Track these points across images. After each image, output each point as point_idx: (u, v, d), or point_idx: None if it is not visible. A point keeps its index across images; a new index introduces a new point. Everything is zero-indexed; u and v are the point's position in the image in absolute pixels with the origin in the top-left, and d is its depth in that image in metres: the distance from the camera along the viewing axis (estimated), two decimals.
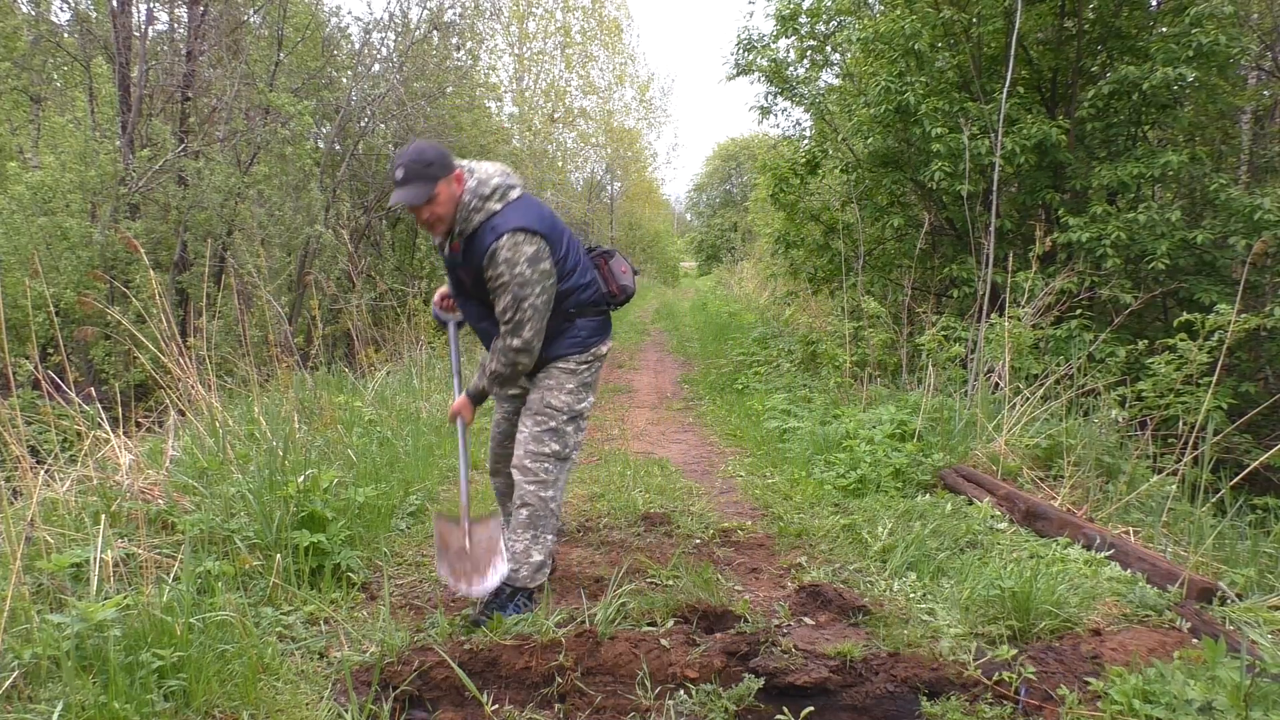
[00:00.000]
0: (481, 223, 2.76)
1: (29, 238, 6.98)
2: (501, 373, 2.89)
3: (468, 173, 2.80)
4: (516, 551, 2.96)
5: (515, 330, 2.78)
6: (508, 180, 2.83)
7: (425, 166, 2.68)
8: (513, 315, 2.75)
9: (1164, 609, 2.94)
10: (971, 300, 6.80)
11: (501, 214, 2.75)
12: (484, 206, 2.76)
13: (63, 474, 3.32)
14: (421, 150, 2.71)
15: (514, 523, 3.00)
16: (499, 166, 2.89)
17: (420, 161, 2.68)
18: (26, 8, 8.50)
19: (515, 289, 2.72)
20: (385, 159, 10.10)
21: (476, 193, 2.76)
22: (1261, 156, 9.06)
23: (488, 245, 2.72)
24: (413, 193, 2.69)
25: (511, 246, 2.71)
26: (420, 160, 2.68)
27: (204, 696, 2.23)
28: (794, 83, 10.17)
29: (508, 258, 2.70)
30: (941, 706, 2.36)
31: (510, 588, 2.95)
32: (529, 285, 2.72)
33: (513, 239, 2.71)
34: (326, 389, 5.81)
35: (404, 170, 2.69)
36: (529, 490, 2.96)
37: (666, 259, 34.34)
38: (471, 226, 2.77)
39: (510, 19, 18.74)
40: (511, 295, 2.73)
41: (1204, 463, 3.86)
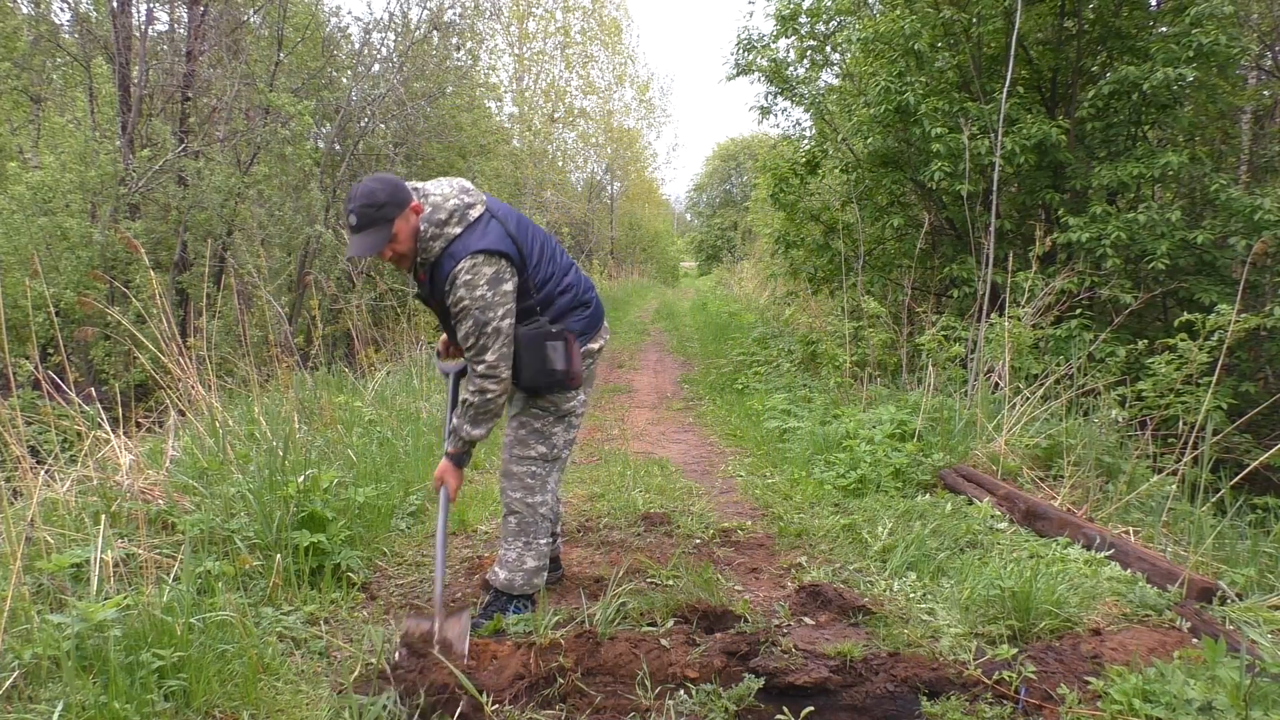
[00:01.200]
0: (442, 250, 2.66)
1: (29, 238, 6.98)
2: (471, 401, 2.72)
3: (422, 199, 2.67)
4: (509, 560, 2.93)
5: (479, 354, 2.67)
6: (465, 199, 2.71)
7: (378, 209, 2.55)
8: (475, 340, 2.66)
9: (1164, 609, 2.94)
10: (971, 300, 6.80)
11: (460, 238, 2.65)
12: (442, 233, 2.66)
13: (63, 474, 3.32)
14: (371, 192, 2.56)
15: (504, 530, 2.97)
16: (455, 185, 2.77)
17: (372, 205, 2.54)
18: (26, 8, 8.51)
19: (476, 313, 2.63)
20: (385, 159, 10.10)
21: (432, 220, 2.65)
22: (1261, 156, 9.06)
23: (447, 272, 2.64)
24: (370, 241, 2.57)
25: (471, 269, 2.62)
26: (372, 203, 2.54)
27: (204, 696, 2.23)
28: (794, 83, 10.17)
29: (467, 280, 2.62)
30: (942, 706, 2.36)
31: (508, 595, 2.95)
32: (490, 308, 2.63)
33: (471, 261, 2.62)
34: (326, 389, 5.81)
35: (356, 216, 2.55)
36: (515, 498, 2.92)
37: (666, 259, 34.35)
38: (433, 255, 2.68)
39: (510, 19, 18.74)
40: (473, 320, 2.63)
41: (1204, 462, 3.86)
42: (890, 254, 9.43)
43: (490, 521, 4.16)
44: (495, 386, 2.70)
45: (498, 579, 2.95)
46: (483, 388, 2.70)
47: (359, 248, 2.59)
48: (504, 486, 2.96)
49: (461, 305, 2.64)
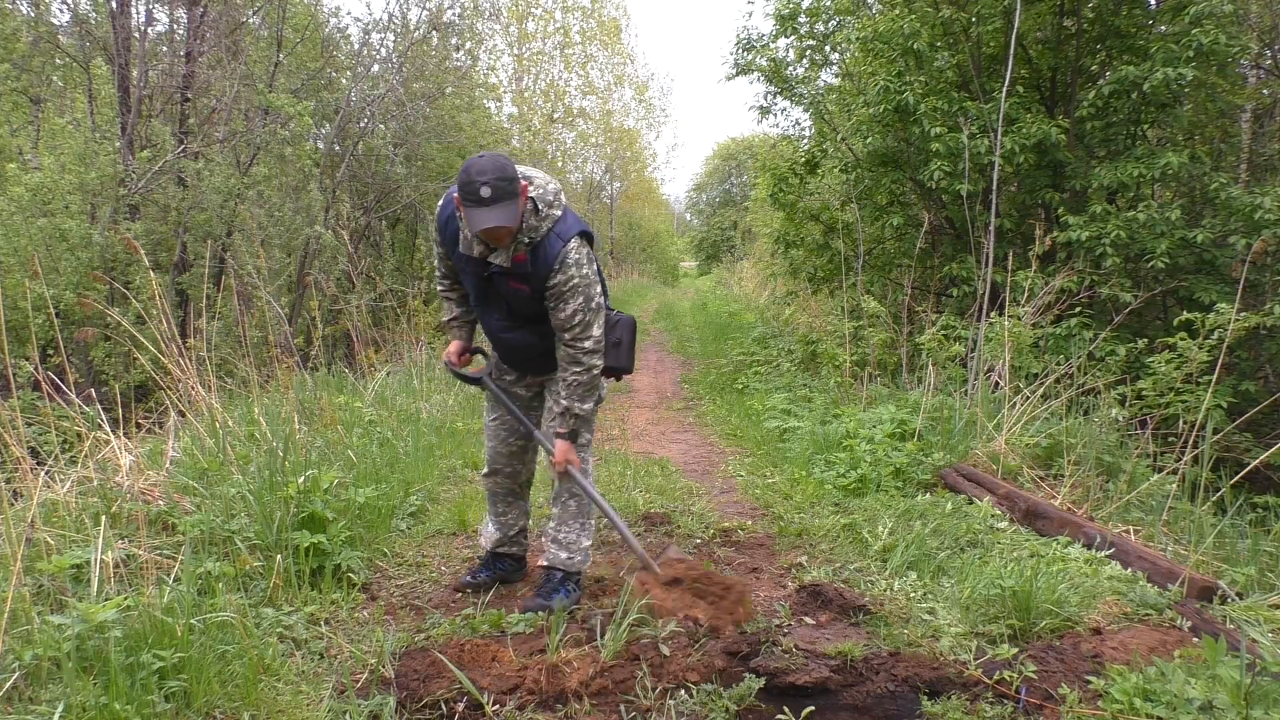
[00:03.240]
0: (549, 230, 2.74)
1: (29, 239, 6.98)
2: (580, 380, 2.84)
3: (526, 182, 2.72)
4: (569, 541, 3.07)
5: (585, 330, 2.78)
6: (556, 184, 2.84)
7: (510, 183, 2.58)
8: (583, 316, 2.76)
9: (1164, 608, 2.94)
10: (971, 299, 6.80)
11: (563, 220, 2.76)
12: (549, 214, 2.74)
13: (63, 475, 3.31)
14: (503, 166, 2.59)
15: (562, 514, 3.10)
16: (540, 171, 2.89)
17: (505, 178, 2.56)
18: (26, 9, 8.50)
19: (585, 289, 2.74)
20: (385, 159, 10.10)
21: (543, 199, 2.74)
22: (1261, 155, 9.06)
23: (556, 251, 2.71)
24: (505, 212, 2.58)
25: (577, 249, 2.74)
26: (505, 177, 2.57)
27: (205, 697, 2.23)
28: (793, 82, 10.17)
29: (576, 259, 2.73)
30: (942, 706, 2.36)
31: (562, 572, 3.06)
32: (593, 285, 2.78)
33: (577, 242, 2.75)
34: (326, 390, 5.81)
35: (491, 189, 2.55)
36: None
37: (666, 259, 34.34)
38: (540, 235, 2.73)
39: (509, 19, 18.74)
40: (582, 297, 2.75)
41: (1204, 461, 3.86)
42: (890, 253, 9.43)
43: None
44: (599, 361, 2.85)
45: (559, 559, 3.06)
46: (590, 364, 2.83)
47: (496, 219, 2.57)
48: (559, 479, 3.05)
49: (571, 283, 2.73)
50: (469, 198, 2.58)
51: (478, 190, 2.55)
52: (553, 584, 3.06)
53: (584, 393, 2.87)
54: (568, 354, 2.84)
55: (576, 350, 2.81)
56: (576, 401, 2.88)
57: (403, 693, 2.41)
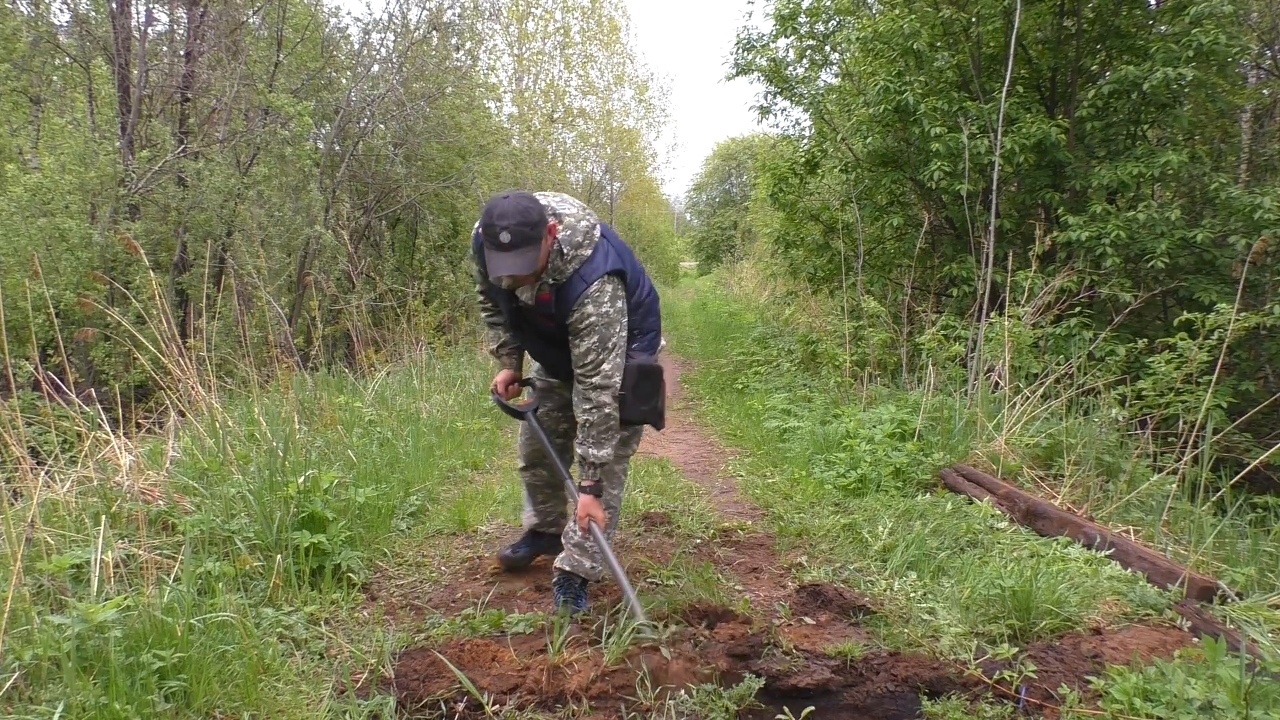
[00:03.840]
0: (574, 271, 2.71)
1: (28, 239, 6.98)
2: (591, 420, 2.78)
3: (554, 218, 2.68)
4: (590, 548, 3.00)
5: (595, 367, 2.74)
6: (589, 219, 2.77)
7: (532, 228, 2.51)
8: (595, 355, 2.73)
9: (1164, 608, 2.94)
10: (971, 299, 6.80)
11: (590, 260, 2.72)
12: (575, 254, 2.71)
13: (63, 475, 3.31)
14: (525, 210, 2.52)
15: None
16: (576, 203, 2.82)
17: (526, 223, 2.50)
18: (26, 9, 8.50)
19: (601, 329, 2.71)
20: (385, 159, 10.10)
21: (570, 241, 2.69)
22: (1261, 155, 9.07)
23: (578, 293, 2.70)
24: (525, 260, 2.53)
25: (598, 290, 2.71)
26: (526, 221, 2.50)
27: (205, 697, 2.23)
28: (793, 82, 10.17)
29: (596, 299, 2.71)
30: (942, 706, 2.36)
31: (580, 578, 3.04)
32: (612, 324, 2.73)
33: (600, 283, 2.71)
34: (326, 390, 5.81)
35: (511, 234, 2.49)
36: (614, 494, 3.06)
37: (666, 259, 34.34)
38: (565, 276, 2.71)
39: (509, 19, 18.74)
40: (597, 336, 2.71)
41: (1204, 461, 3.86)
42: (890, 253, 9.44)
43: (491, 522, 4.16)
44: (610, 399, 2.77)
45: (583, 567, 2.99)
46: (599, 401, 2.76)
47: (513, 266, 2.54)
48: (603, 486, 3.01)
49: (588, 321, 2.70)
50: (490, 241, 2.54)
51: (497, 235, 2.51)
52: (573, 589, 3.03)
53: (598, 435, 2.80)
54: (580, 392, 2.80)
55: (585, 386, 2.78)
56: (591, 447, 2.81)
57: (403, 693, 2.41)
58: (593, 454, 2.83)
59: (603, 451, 2.82)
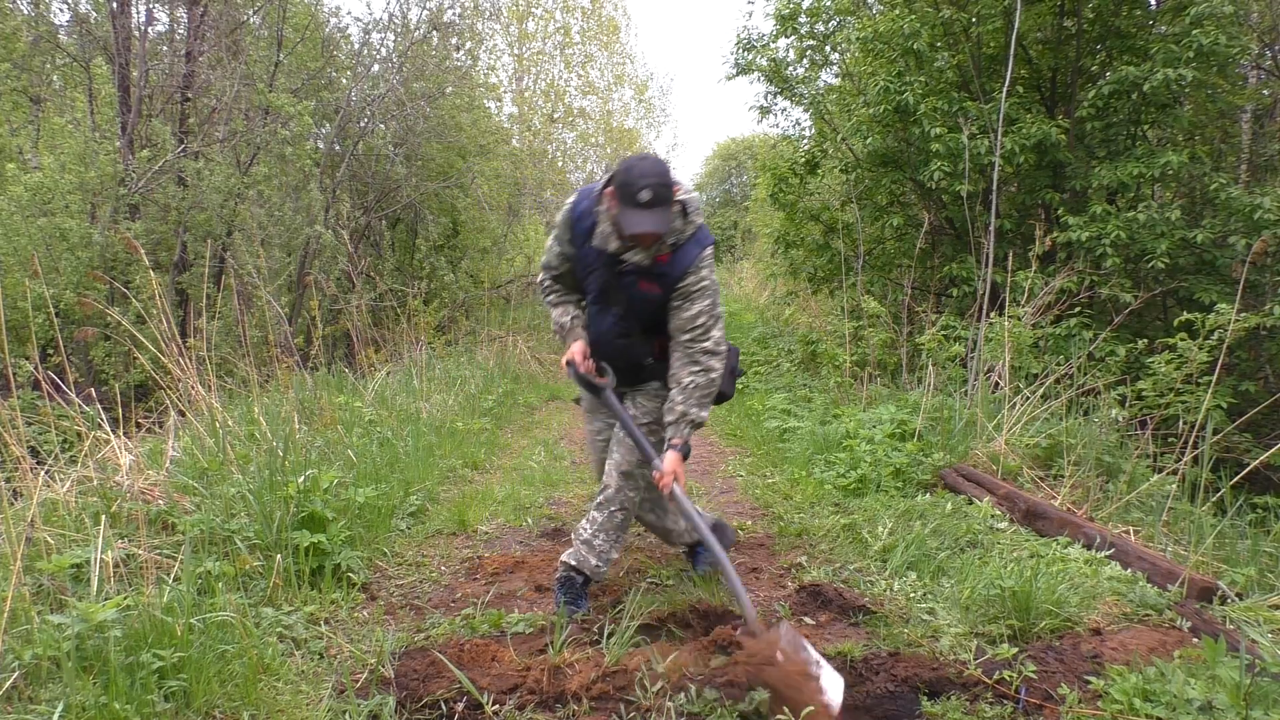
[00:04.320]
0: (691, 235, 2.82)
1: (28, 239, 6.98)
2: (697, 383, 2.83)
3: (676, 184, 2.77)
4: (598, 547, 3.01)
5: (706, 332, 2.83)
6: (699, 194, 2.95)
7: (669, 189, 2.63)
8: (706, 319, 2.82)
9: (1164, 608, 2.94)
10: (971, 299, 6.80)
11: (701, 227, 2.84)
12: (692, 220, 2.83)
13: (63, 475, 3.31)
14: (664, 171, 2.63)
15: (608, 523, 3.02)
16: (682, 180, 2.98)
17: (665, 184, 2.60)
18: (26, 8, 8.50)
19: (712, 294, 2.83)
20: (385, 159, 10.10)
21: (693, 205, 2.81)
22: (1261, 155, 9.07)
23: (694, 256, 2.80)
24: (662, 218, 2.63)
25: (710, 257, 2.84)
26: (665, 183, 2.60)
27: (204, 697, 2.23)
28: (793, 82, 10.17)
29: (710, 264, 2.83)
30: (942, 706, 2.36)
31: (584, 577, 3.03)
32: (717, 292, 2.86)
33: (711, 249, 2.85)
34: (326, 389, 5.81)
35: (652, 192, 2.58)
36: (630, 497, 3.05)
37: None
38: (684, 238, 2.82)
39: (509, 19, 18.73)
40: (709, 299, 2.82)
41: (1204, 462, 3.86)
42: (890, 254, 9.44)
43: (490, 522, 4.16)
44: (719, 364, 2.86)
45: (588, 564, 2.99)
46: (709, 365, 2.85)
47: (652, 223, 2.61)
48: (621, 486, 3.01)
49: (702, 285, 2.82)
50: (627, 199, 2.60)
51: (637, 194, 2.58)
52: (574, 589, 3.02)
53: (701, 397, 2.84)
54: (686, 355, 2.85)
55: (696, 350, 2.83)
56: (694, 406, 2.83)
57: (402, 692, 2.41)
58: (695, 413, 2.85)
59: (704, 413, 2.89)
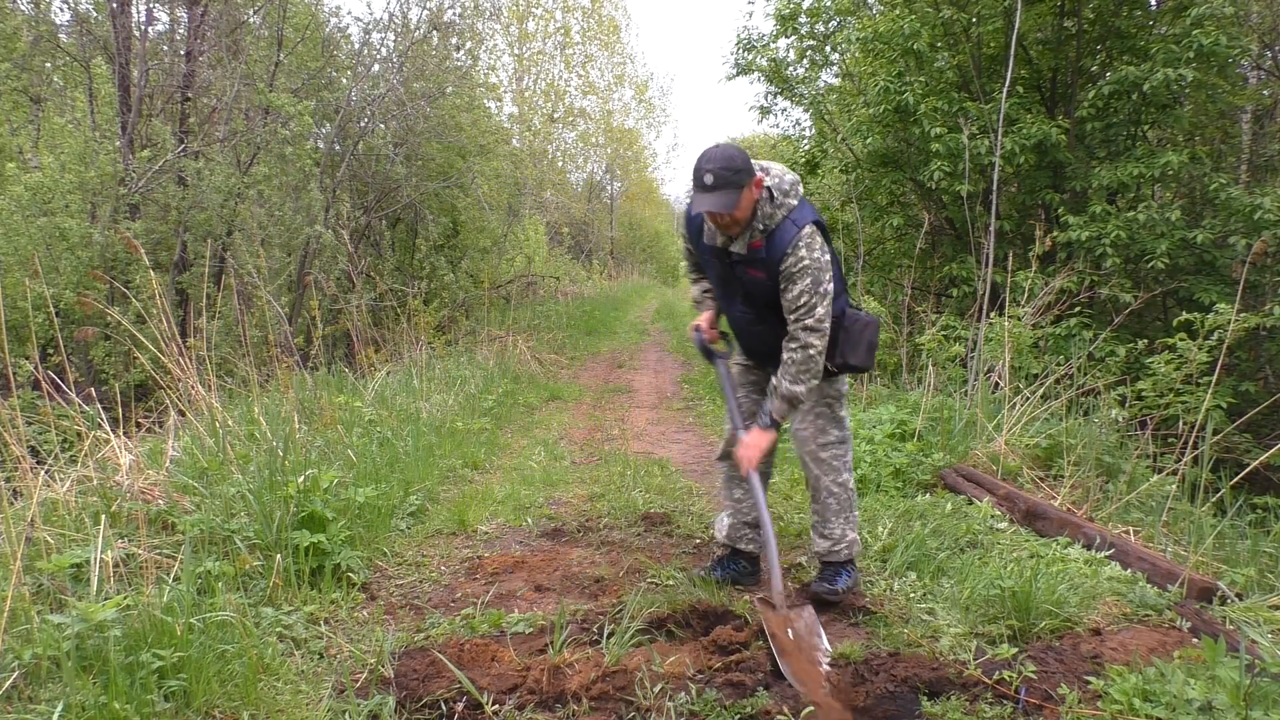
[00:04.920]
0: (784, 217, 2.87)
1: (28, 238, 6.98)
2: (795, 358, 2.88)
3: (762, 172, 2.87)
4: (835, 536, 3.13)
5: (809, 311, 2.85)
6: (793, 175, 2.95)
7: (734, 174, 2.74)
8: (808, 299, 2.84)
9: (1164, 608, 2.94)
10: (971, 299, 6.80)
11: (799, 208, 2.89)
12: (784, 202, 2.88)
13: (63, 474, 3.31)
14: (731, 157, 2.76)
15: (823, 511, 3.15)
16: (779, 165, 3.00)
17: (729, 169, 2.73)
18: (26, 8, 8.51)
19: (814, 272, 2.83)
20: (385, 159, 10.10)
21: (778, 188, 2.87)
22: (1261, 156, 9.07)
23: (790, 237, 2.84)
24: (723, 200, 2.75)
25: (810, 235, 2.86)
26: (729, 167, 2.73)
27: (204, 697, 2.23)
28: (794, 82, 10.18)
29: (808, 243, 2.85)
30: (942, 706, 2.36)
31: (835, 563, 3.14)
32: (824, 270, 2.86)
33: (811, 229, 2.87)
34: (326, 389, 5.81)
35: (713, 176, 2.73)
36: (829, 481, 3.12)
37: (666, 259, 34.34)
38: (775, 222, 2.88)
39: (510, 19, 18.74)
40: (810, 278, 2.83)
41: (1204, 462, 3.86)
42: (890, 254, 9.45)
43: (490, 522, 4.16)
44: (819, 341, 2.88)
45: (822, 548, 3.16)
46: (808, 342, 2.87)
47: (709, 204, 2.75)
48: (816, 474, 3.14)
49: (801, 265, 2.84)
50: (695, 183, 2.77)
51: (702, 176, 2.75)
52: (829, 573, 3.13)
53: (797, 371, 2.89)
54: (790, 332, 2.91)
55: (796, 327, 2.88)
56: (786, 380, 2.91)
57: (402, 692, 2.41)
58: (787, 386, 2.91)
59: (798, 388, 2.91)
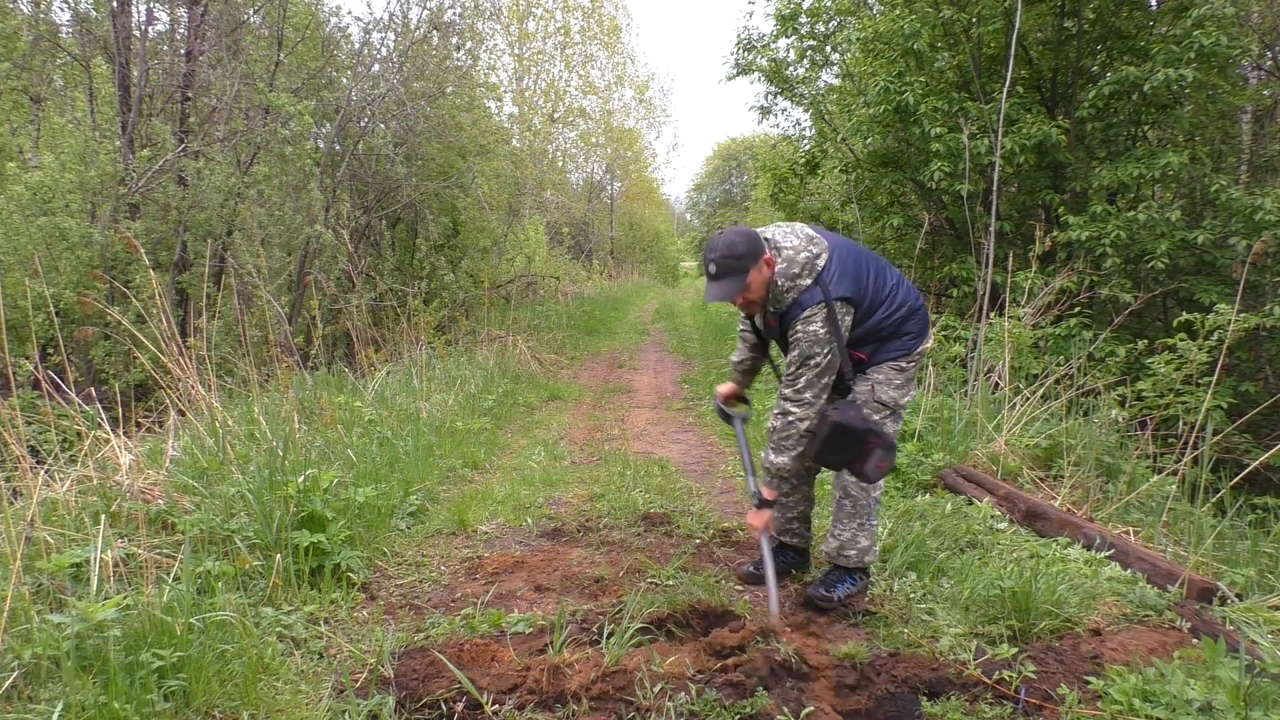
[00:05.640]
0: (793, 300, 2.88)
1: (28, 238, 6.97)
2: (774, 425, 2.94)
3: (774, 252, 2.88)
4: (844, 539, 3.08)
5: (793, 381, 2.88)
6: (812, 250, 2.89)
7: (737, 260, 2.79)
8: (795, 369, 2.87)
9: (1164, 609, 2.94)
10: (971, 300, 6.80)
11: (809, 289, 2.85)
12: (795, 285, 2.87)
13: (63, 474, 3.31)
14: (732, 244, 2.80)
15: (838, 513, 3.11)
16: (803, 236, 2.94)
17: (732, 256, 2.79)
18: (26, 8, 8.51)
19: (804, 346, 2.84)
20: (385, 159, 10.10)
21: (787, 274, 2.87)
22: (1261, 156, 9.07)
23: (794, 317, 2.87)
24: (727, 288, 2.83)
25: (812, 315, 2.84)
26: (732, 255, 2.79)
27: (204, 696, 2.23)
28: (794, 83, 10.19)
29: (807, 318, 2.84)
30: (942, 706, 2.36)
31: (841, 569, 3.10)
32: (819, 344, 2.84)
33: (815, 310, 2.84)
34: (326, 389, 5.81)
35: (716, 265, 2.81)
36: (851, 481, 3.07)
37: (666, 259, 34.36)
38: (785, 305, 2.90)
39: (510, 19, 18.73)
40: (799, 351, 2.86)
41: (1204, 462, 3.86)
42: (890, 254, 9.44)
43: (490, 522, 4.16)
44: (797, 410, 2.90)
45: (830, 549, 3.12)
46: (786, 409, 2.92)
47: (715, 294, 2.87)
48: (844, 473, 3.08)
49: (795, 337, 2.88)
50: (704, 270, 2.88)
51: (708, 267, 2.86)
52: (836, 575, 3.10)
53: (779, 440, 2.94)
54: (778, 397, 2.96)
55: (780, 393, 2.94)
56: (770, 451, 2.98)
57: (402, 692, 2.41)
58: (770, 458, 2.99)
59: (779, 459, 2.97)
